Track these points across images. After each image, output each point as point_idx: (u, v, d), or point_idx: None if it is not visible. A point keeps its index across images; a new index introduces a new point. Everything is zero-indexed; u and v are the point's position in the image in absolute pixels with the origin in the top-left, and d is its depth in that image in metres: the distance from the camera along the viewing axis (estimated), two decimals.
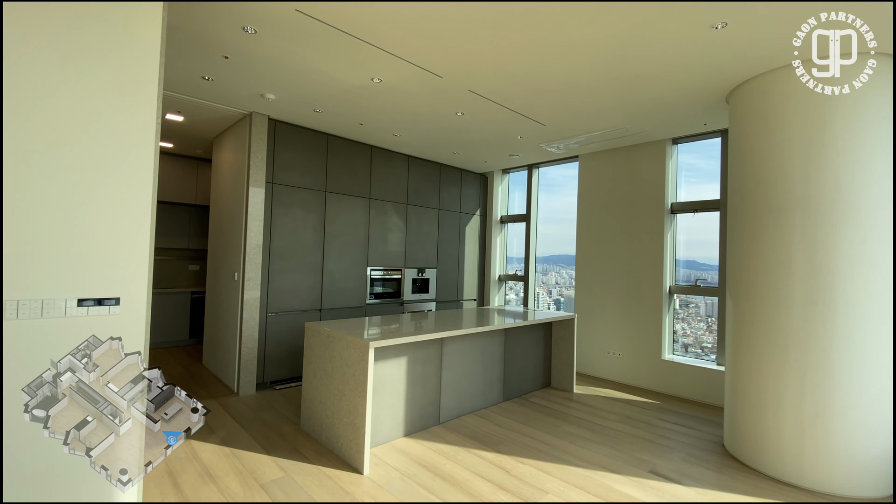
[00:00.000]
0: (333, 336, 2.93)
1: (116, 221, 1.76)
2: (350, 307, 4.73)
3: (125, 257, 1.77)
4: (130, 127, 1.79)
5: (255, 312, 4.02)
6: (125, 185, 1.78)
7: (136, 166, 1.81)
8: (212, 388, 4.16)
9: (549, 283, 6.02)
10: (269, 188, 4.11)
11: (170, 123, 4.47)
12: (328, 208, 4.55)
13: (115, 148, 1.76)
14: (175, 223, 6.10)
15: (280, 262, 4.19)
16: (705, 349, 4.46)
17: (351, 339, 2.75)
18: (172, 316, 5.77)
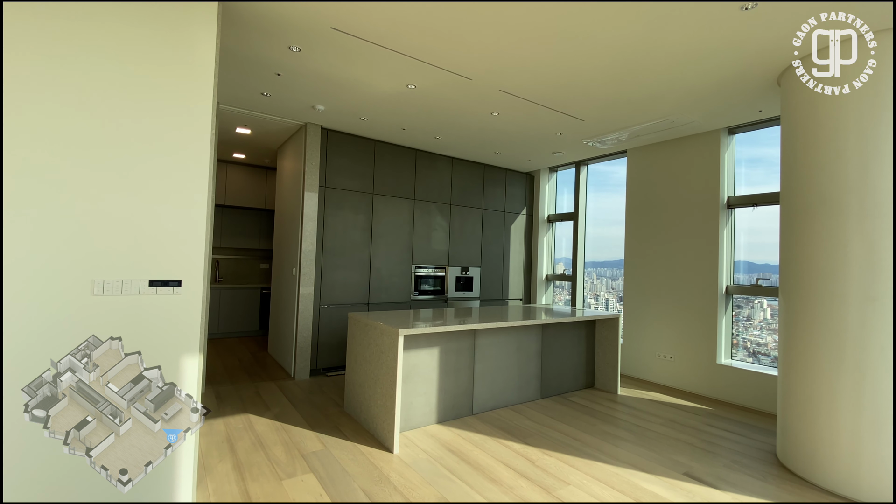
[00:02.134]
0: (369, 325, 3.16)
1: (179, 218, 2.10)
2: (395, 302, 4.99)
3: (186, 248, 2.11)
4: (191, 137, 2.13)
5: (309, 305, 4.40)
6: (186, 187, 2.12)
7: (196, 171, 2.14)
8: (273, 372, 4.61)
9: (618, 289, 5.82)
10: (321, 192, 4.49)
11: (240, 136, 5.04)
12: (375, 209, 4.84)
13: (180, 155, 2.11)
14: (247, 226, 6.80)
15: (331, 260, 4.55)
16: (765, 353, 4.11)
17: (383, 327, 2.96)
18: (244, 309, 6.43)
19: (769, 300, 4.13)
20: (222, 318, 6.27)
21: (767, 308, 4.18)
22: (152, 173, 2.05)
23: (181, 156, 2.11)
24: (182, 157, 2.12)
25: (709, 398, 4.18)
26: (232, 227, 6.69)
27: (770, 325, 4.12)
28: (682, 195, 4.54)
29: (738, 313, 4.35)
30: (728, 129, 4.28)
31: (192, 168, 2.14)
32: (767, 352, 4.12)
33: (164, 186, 2.07)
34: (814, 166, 2.64)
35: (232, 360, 5.09)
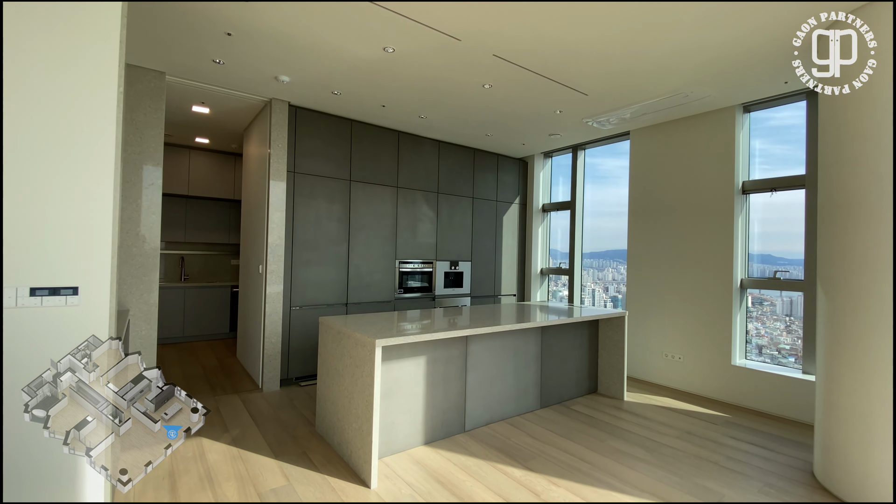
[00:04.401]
0: (343, 333, 2.67)
1: (73, 212, 1.58)
2: (378, 301, 4.50)
3: (84, 246, 1.59)
4: (87, 111, 1.60)
5: (277, 306, 3.88)
6: (81, 170, 1.59)
7: (95, 155, 1.61)
8: (238, 382, 4.09)
9: (605, 279, 5.44)
10: (290, 178, 3.95)
11: (199, 117, 4.46)
12: (353, 198, 4.33)
13: (71, 136, 1.57)
14: (215, 218, 6.21)
15: (303, 255, 4.03)
16: (783, 353, 3.75)
17: (358, 336, 2.47)
18: (214, 310, 5.87)
19: (789, 295, 3.76)
20: (188, 320, 5.70)
21: (787, 303, 3.81)
22: (34, 159, 1.51)
23: (73, 136, 1.58)
24: (75, 137, 1.58)
25: (724, 403, 3.80)
26: (198, 220, 6.09)
27: (791, 323, 3.75)
28: (691, 180, 4.13)
29: (754, 309, 3.97)
30: (743, 107, 3.87)
31: (89, 152, 1.61)
32: (788, 352, 3.75)
33: (49, 165, 1.54)
34: (863, 142, 2.22)
35: (195, 368, 4.55)
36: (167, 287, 5.52)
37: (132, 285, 3.24)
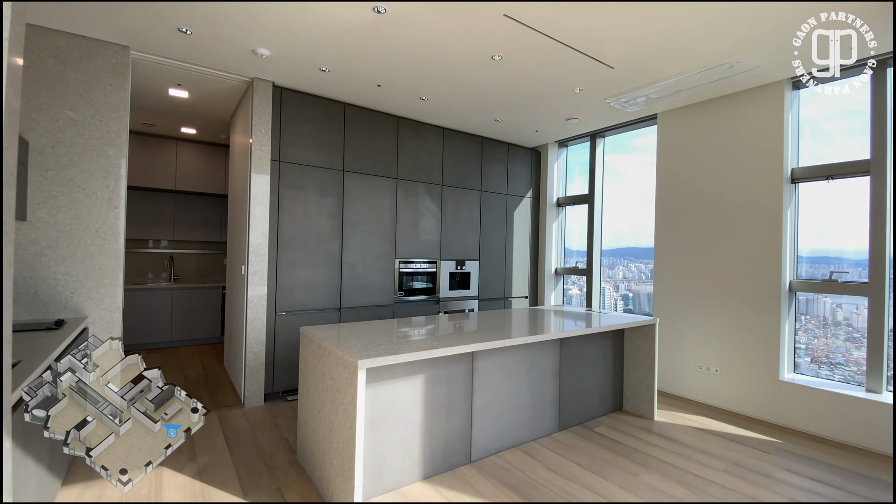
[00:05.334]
0: (323, 347, 2.23)
1: None
2: (375, 305, 4.05)
3: None
4: None
5: (261, 312, 3.46)
6: None
7: None
8: (221, 395, 3.68)
9: (615, 277, 4.96)
10: (275, 167, 3.52)
11: (178, 102, 4.05)
12: (347, 190, 3.89)
13: None
14: (205, 215, 5.82)
15: (290, 254, 3.60)
16: (840, 367, 3.22)
17: (339, 353, 2.03)
18: (204, 312, 5.49)
19: (848, 300, 3.23)
20: (177, 324, 5.31)
21: (845, 309, 3.28)
22: None
23: None
24: None
25: (771, 425, 3.29)
26: (187, 216, 5.71)
27: (853, 333, 3.22)
28: (730, 168, 3.61)
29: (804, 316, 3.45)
30: (792, 83, 3.35)
31: None
32: (846, 366, 3.22)
33: None
34: None
35: (176, 377, 4.16)
36: (154, 289, 5.14)
37: (91, 289, 2.83)
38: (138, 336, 5.04)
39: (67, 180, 2.75)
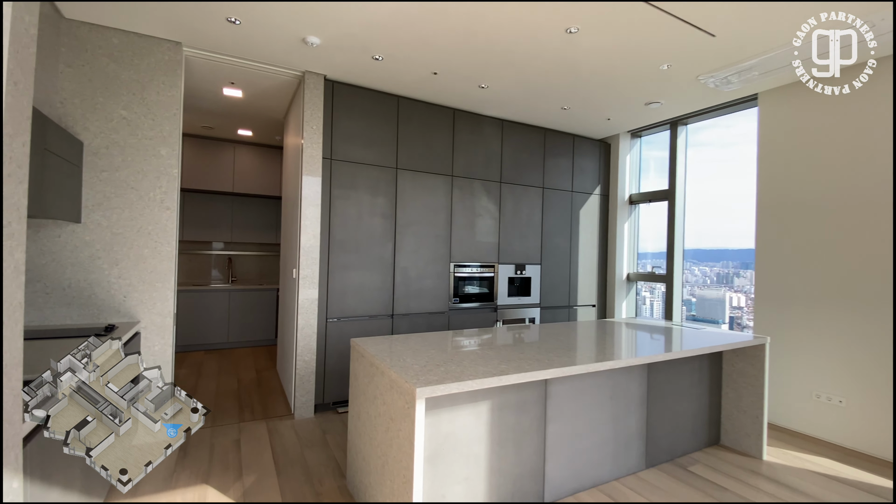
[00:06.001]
0: (375, 366, 1.94)
1: None
2: (429, 313, 3.76)
3: None
4: None
5: (311, 318, 3.27)
6: None
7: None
8: (271, 403, 3.54)
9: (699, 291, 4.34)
10: (326, 166, 3.33)
11: (233, 103, 4.00)
12: (400, 189, 3.63)
13: None
14: (262, 217, 5.85)
15: (342, 257, 3.39)
16: None
17: (394, 375, 1.73)
18: (260, 314, 5.49)
19: None
20: (233, 325, 5.35)
21: None
22: None
23: None
24: None
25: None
26: (244, 219, 5.76)
27: None
28: (859, 156, 2.95)
29: None
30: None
31: None
32: None
33: None
34: None
35: (230, 381, 4.11)
36: (212, 290, 5.21)
37: (143, 293, 2.76)
38: (196, 337, 5.11)
39: (121, 181, 2.69)
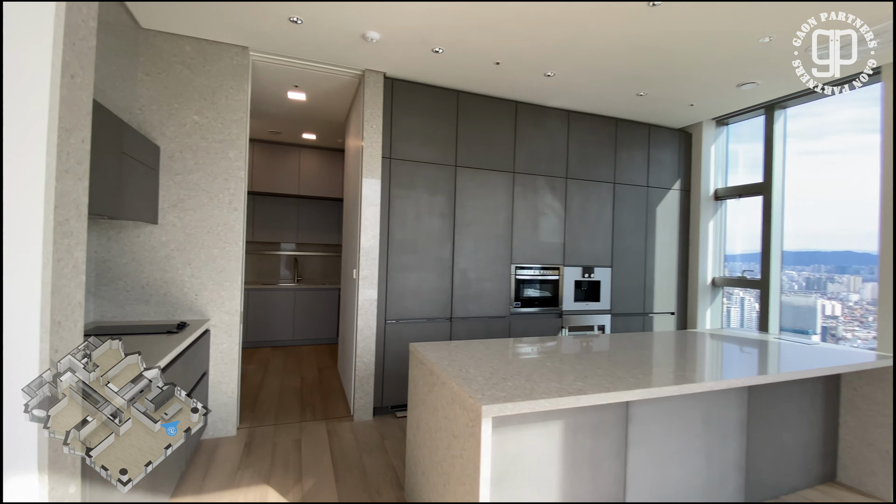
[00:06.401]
0: (436, 374, 1.80)
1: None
2: (489, 317, 3.58)
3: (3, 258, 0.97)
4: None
5: (371, 319, 3.23)
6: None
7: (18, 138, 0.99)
8: (332, 404, 3.55)
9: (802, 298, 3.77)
10: (386, 166, 3.27)
11: (297, 107, 4.09)
12: (459, 188, 3.49)
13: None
14: (325, 218, 6.00)
15: (400, 258, 3.32)
16: None
17: (456, 388, 1.58)
18: (323, 313, 5.63)
19: None
20: (298, 323, 5.53)
21: None
22: None
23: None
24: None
25: None
26: (309, 220, 5.95)
27: None
28: None
29: None
30: None
31: None
32: None
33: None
34: None
35: (294, 379, 4.20)
36: (279, 289, 5.41)
37: (213, 291, 2.85)
38: (264, 334, 5.33)
39: (193, 184, 2.79)
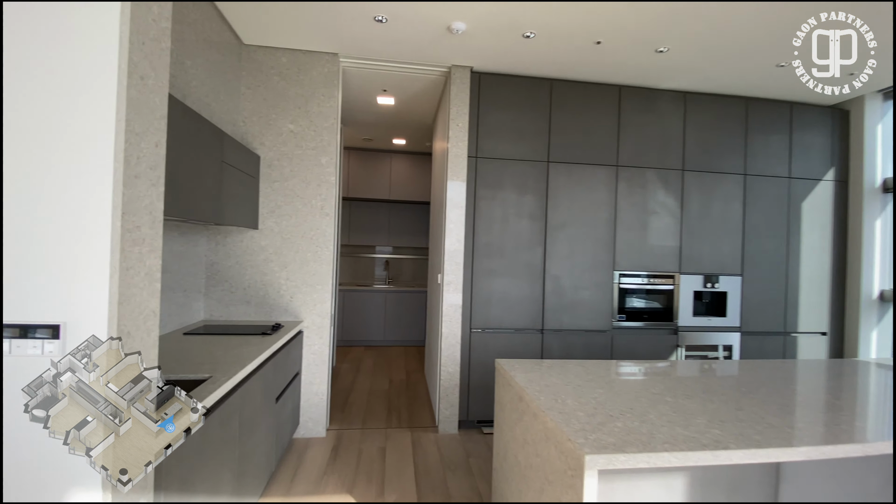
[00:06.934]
0: (525, 401, 1.56)
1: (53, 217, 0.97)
2: (586, 330, 3.21)
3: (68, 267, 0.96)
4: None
5: (455, 326, 3.08)
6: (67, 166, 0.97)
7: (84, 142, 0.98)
8: (417, 410, 3.48)
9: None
10: (472, 164, 3.10)
11: (386, 112, 4.12)
12: (552, 186, 3.18)
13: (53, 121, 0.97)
14: (414, 222, 6.07)
15: (486, 262, 3.12)
16: None
17: (550, 425, 1.32)
18: (412, 314, 5.68)
19: None
20: (389, 324, 5.64)
21: None
22: None
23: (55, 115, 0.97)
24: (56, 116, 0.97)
25: None
26: (399, 224, 6.06)
27: None
28: None
29: None
30: None
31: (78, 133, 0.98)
32: None
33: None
34: None
35: (382, 381, 4.24)
36: (371, 291, 5.57)
37: (307, 294, 2.93)
38: (358, 333, 5.52)
39: (289, 190, 2.90)
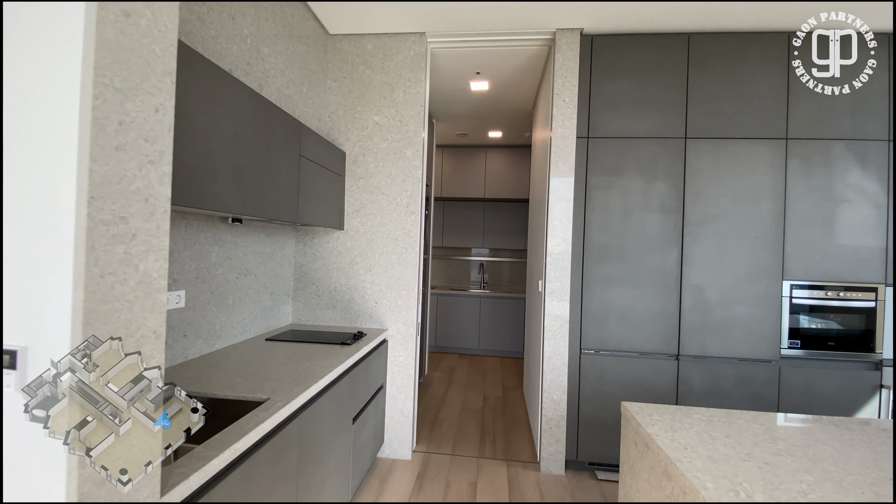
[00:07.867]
0: (674, 478, 1.02)
1: None
2: (741, 359, 2.43)
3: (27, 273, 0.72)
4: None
5: (561, 345, 2.55)
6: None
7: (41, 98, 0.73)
8: (514, 441, 3.00)
9: None
10: (581, 147, 2.56)
11: (481, 99, 3.75)
12: (690, 169, 2.48)
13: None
14: (511, 222, 5.59)
15: (600, 267, 2.54)
16: None
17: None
18: (509, 323, 5.20)
19: None
20: (484, 332, 5.24)
21: None
22: None
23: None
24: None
25: None
26: (495, 224, 5.64)
27: None
28: None
29: None
30: None
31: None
32: None
33: None
34: None
35: (476, 397, 3.84)
36: (464, 295, 5.24)
37: (392, 300, 2.67)
38: (452, 339, 5.22)
39: (374, 187, 2.68)
